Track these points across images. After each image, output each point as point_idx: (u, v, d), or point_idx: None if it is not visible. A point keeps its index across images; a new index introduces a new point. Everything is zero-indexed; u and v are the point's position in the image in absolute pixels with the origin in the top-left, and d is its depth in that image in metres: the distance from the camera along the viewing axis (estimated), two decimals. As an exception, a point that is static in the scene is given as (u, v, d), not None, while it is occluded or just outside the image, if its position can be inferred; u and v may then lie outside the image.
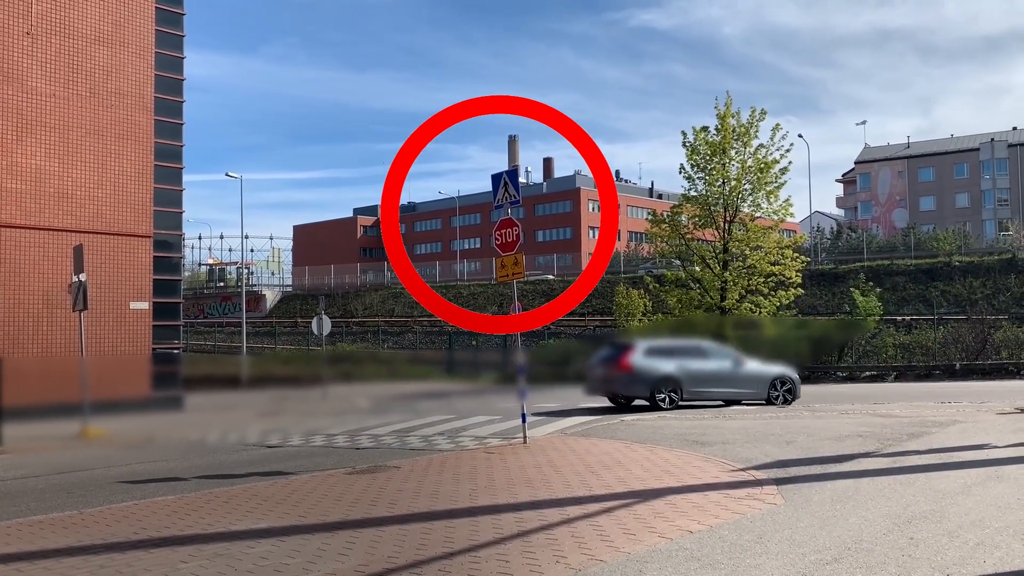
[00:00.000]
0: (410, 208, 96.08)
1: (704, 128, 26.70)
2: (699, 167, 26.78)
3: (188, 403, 17.35)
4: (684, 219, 27.30)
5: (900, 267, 44.09)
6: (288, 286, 75.75)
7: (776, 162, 25.92)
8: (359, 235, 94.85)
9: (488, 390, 18.46)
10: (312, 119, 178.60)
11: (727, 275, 26.04)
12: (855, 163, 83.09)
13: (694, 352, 17.22)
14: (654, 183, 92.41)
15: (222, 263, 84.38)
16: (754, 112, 26.33)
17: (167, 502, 8.19)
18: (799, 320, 28.36)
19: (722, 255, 26.52)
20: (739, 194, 26.17)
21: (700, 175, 26.79)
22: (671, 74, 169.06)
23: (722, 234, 26.63)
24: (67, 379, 16.94)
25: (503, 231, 12.08)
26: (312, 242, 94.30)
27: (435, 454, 11.24)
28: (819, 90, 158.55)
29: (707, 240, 28.10)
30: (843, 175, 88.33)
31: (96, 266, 19.71)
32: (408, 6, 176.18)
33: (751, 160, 26.07)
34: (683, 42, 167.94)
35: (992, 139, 71.80)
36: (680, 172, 27.35)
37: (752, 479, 8.09)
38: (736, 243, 26.33)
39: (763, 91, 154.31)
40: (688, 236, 27.22)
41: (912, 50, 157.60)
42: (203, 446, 14.01)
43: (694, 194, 27.04)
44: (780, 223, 26.87)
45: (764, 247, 26.04)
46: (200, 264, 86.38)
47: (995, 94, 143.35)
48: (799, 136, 63.51)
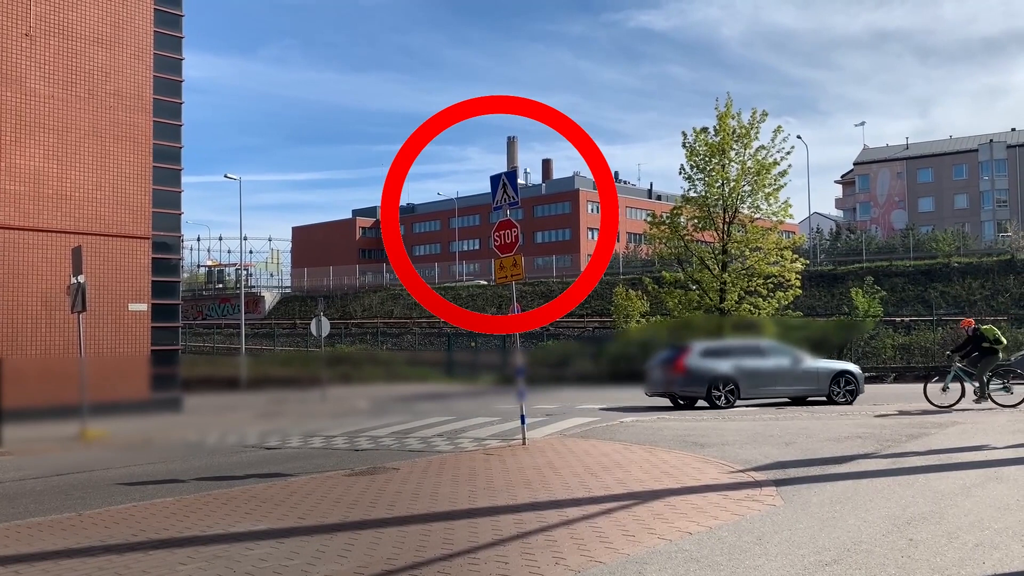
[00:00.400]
0: (409, 209, 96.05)
1: (704, 129, 26.68)
2: (698, 168, 26.77)
3: (187, 405, 17.34)
4: (683, 220, 27.28)
5: (899, 268, 44.12)
6: (287, 287, 75.75)
7: (776, 164, 25.91)
8: (358, 236, 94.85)
9: (487, 391, 18.47)
10: (310, 121, 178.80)
11: (726, 276, 26.03)
12: (854, 164, 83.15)
13: (751, 351, 17.53)
14: (653, 184, 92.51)
15: (221, 265, 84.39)
16: (755, 113, 26.32)
17: (166, 504, 8.18)
18: (798, 321, 28.35)
19: (721, 256, 26.50)
20: (738, 195, 26.16)
21: (699, 176, 26.78)
22: (669, 75, 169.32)
23: (721, 235, 26.61)
24: (66, 381, 16.92)
25: (502, 232, 12.08)
26: (311, 243, 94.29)
27: (434, 455, 11.23)
28: (817, 91, 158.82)
29: (706, 241, 28.09)
30: (842, 176, 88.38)
31: (95, 268, 19.70)
32: (406, 8, 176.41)
33: (751, 161, 26.06)
34: (681, 43, 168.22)
35: (991, 140, 71.84)
36: (680, 173, 27.35)
37: (751, 480, 8.09)
38: (735, 244, 26.32)
39: (761, 92, 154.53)
40: (687, 237, 27.20)
41: (910, 51, 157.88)
42: (202, 448, 14.00)
43: (693, 195, 27.03)
44: (779, 224, 26.86)
45: (763, 248, 26.03)
46: (199, 266, 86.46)
47: (993, 95, 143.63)
48: (798, 137, 63.48)
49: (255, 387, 16.80)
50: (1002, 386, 15.31)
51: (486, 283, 57.47)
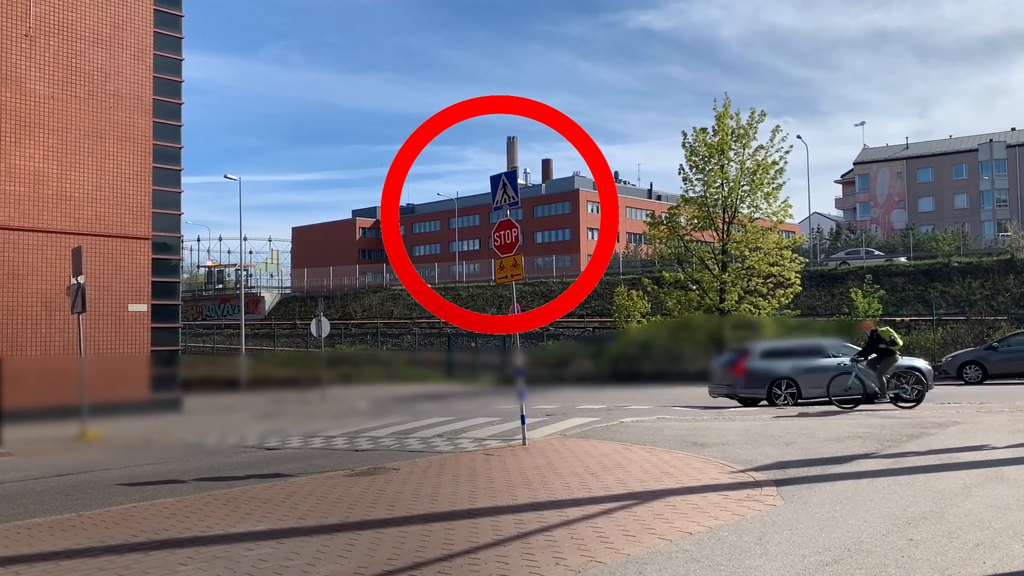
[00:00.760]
0: (409, 210, 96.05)
1: (703, 129, 26.69)
2: (698, 168, 26.78)
3: (187, 405, 17.34)
4: (683, 220, 27.28)
5: (899, 268, 44.12)
6: (287, 288, 75.74)
7: (775, 163, 25.92)
8: (358, 237, 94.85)
9: (487, 392, 18.47)
10: (310, 121, 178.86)
11: (726, 276, 26.03)
12: (854, 164, 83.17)
13: (813, 351, 17.68)
14: (653, 184, 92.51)
15: (221, 265, 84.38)
16: (753, 113, 26.34)
17: (166, 504, 8.18)
18: (798, 321, 28.34)
19: (721, 256, 26.50)
20: (738, 195, 26.17)
21: (699, 176, 26.79)
22: (669, 76, 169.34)
23: (721, 235, 26.61)
24: (66, 381, 16.92)
25: (502, 232, 12.08)
26: (311, 244, 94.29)
27: (434, 456, 11.23)
28: (817, 91, 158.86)
29: (706, 241, 28.08)
30: (842, 176, 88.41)
31: (95, 268, 19.70)
32: (405, 9, 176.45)
33: (750, 161, 26.07)
34: (681, 44, 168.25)
35: (991, 140, 71.81)
36: (679, 173, 27.37)
37: (751, 480, 8.09)
38: (735, 244, 26.32)
39: (761, 92, 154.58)
40: (687, 237, 27.20)
41: (910, 51, 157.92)
42: (202, 448, 14.00)
43: (692, 195, 27.04)
44: (779, 224, 26.86)
45: (763, 248, 26.03)
46: (199, 266, 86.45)
47: (993, 95, 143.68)
48: (798, 137, 63.53)
49: (255, 388, 16.80)
50: (900, 387, 15.96)
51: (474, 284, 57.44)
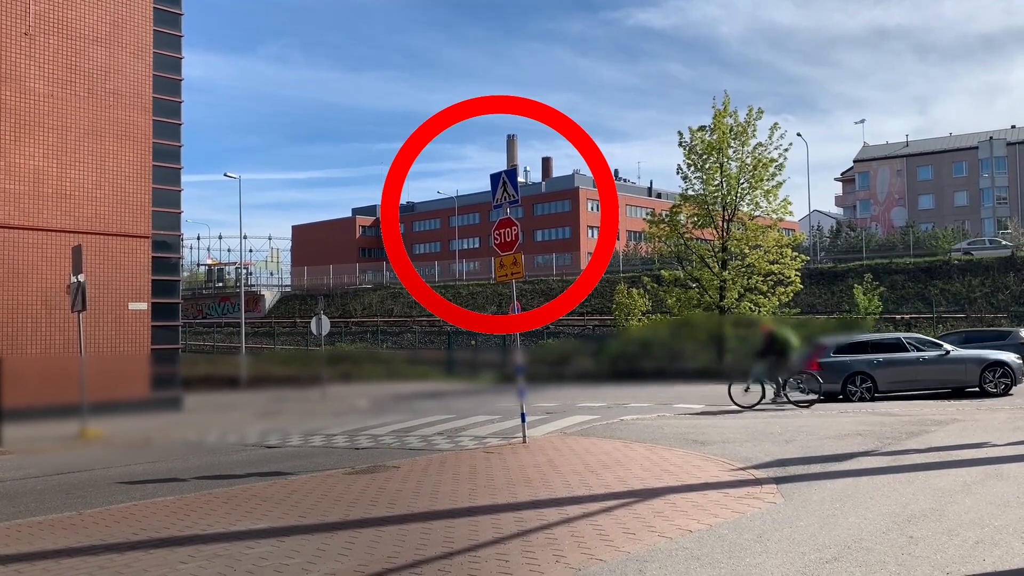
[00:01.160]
0: (409, 208, 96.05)
1: (701, 127, 26.68)
2: (696, 166, 26.77)
3: (187, 404, 17.32)
4: (682, 218, 27.27)
5: (899, 266, 44.11)
6: (287, 286, 75.70)
7: (774, 160, 25.91)
8: (358, 235, 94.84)
9: (487, 390, 18.45)
10: (310, 119, 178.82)
11: (726, 274, 26.03)
12: (854, 162, 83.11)
13: (890, 345, 17.75)
14: (652, 182, 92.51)
15: (221, 263, 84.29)
16: (751, 111, 26.33)
17: (166, 503, 8.18)
18: (798, 319, 28.32)
19: (721, 254, 26.50)
20: (737, 193, 26.16)
21: (697, 174, 26.78)
22: (668, 73, 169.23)
23: (721, 233, 26.61)
24: (66, 380, 16.91)
25: (502, 231, 12.08)
26: (311, 242, 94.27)
27: (434, 454, 11.24)
28: (817, 89, 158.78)
29: (706, 239, 28.08)
30: (842, 174, 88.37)
31: (95, 267, 19.70)
32: (404, 7, 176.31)
33: (749, 159, 26.06)
34: (680, 41, 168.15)
35: (991, 137, 71.82)
36: (677, 172, 27.36)
37: (752, 478, 8.09)
38: (735, 242, 26.31)
39: (761, 90, 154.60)
40: (687, 235, 27.20)
41: (909, 49, 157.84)
42: (202, 447, 14.01)
43: (692, 193, 27.03)
44: (779, 222, 26.86)
45: (763, 246, 26.03)
46: (199, 264, 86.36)
47: (992, 93, 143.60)
48: (798, 135, 63.38)
49: (255, 386, 16.77)
50: (797, 386, 16.45)
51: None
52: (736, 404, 15.74)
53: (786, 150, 26.08)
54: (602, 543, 5.73)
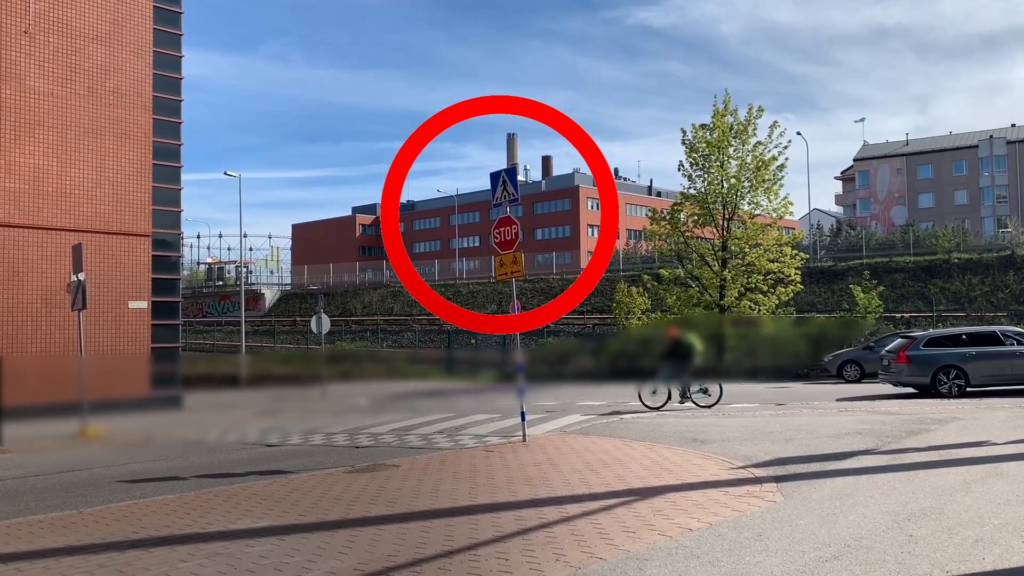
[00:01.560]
0: (409, 207, 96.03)
1: (703, 126, 26.68)
2: (698, 165, 26.77)
3: (187, 402, 17.32)
4: (683, 217, 27.28)
5: (899, 264, 44.09)
6: (287, 285, 75.63)
7: (774, 159, 25.91)
8: (358, 233, 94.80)
9: (487, 388, 18.45)
10: (310, 118, 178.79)
11: (726, 273, 26.03)
12: (854, 160, 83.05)
13: (985, 339, 17.56)
14: (653, 181, 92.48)
15: (221, 262, 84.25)
16: (751, 109, 26.32)
17: (166, 501, 8.19)
18: (798, 318, 28.33)
19: (721, 253, 26.50)
20: (738, 192, 26.16)
21: (699, 173, 26.79)
22: (668, 72, 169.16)
23: (721, 232, 26.61)
24: (66, 378, 16.91)
25: (502, 229, 12.08)
26: (311, 241, 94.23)
27: (434, 452, 11.24)
28: (816, 88, 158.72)
29: (706, 238, 28.08)
30: (842, 172, 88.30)
31: (95, 265, 19.69)
32: (404, 6, 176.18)
33: (749, 157, 26.06)
34: (680, 40, 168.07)
35: (991, 136, 71.77)
36: (679, 170, 27.37)
37: (752, 477, 8.09)
38: (735, 241, 26.31)
39: (761, 89, 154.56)
40: (687, 234, 27.20)
41: (909, 48, 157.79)
42: (202, 445, 14.00)
43: (693, 192, 27.02)
44: (779, 220, 26.86)
45: (763, 245, 26.02)
46: (199, 263, 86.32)
47: (992, 91, 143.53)
48: (798, 133, 63.36)
49: (255, 384, 16.76)
50: (700, 389, 16.68)
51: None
52: (645, 406, 16.22)
53: (785, 148, 26.08)
54: (602, 542, 5.73)
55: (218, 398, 16.86)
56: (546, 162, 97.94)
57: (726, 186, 26.21)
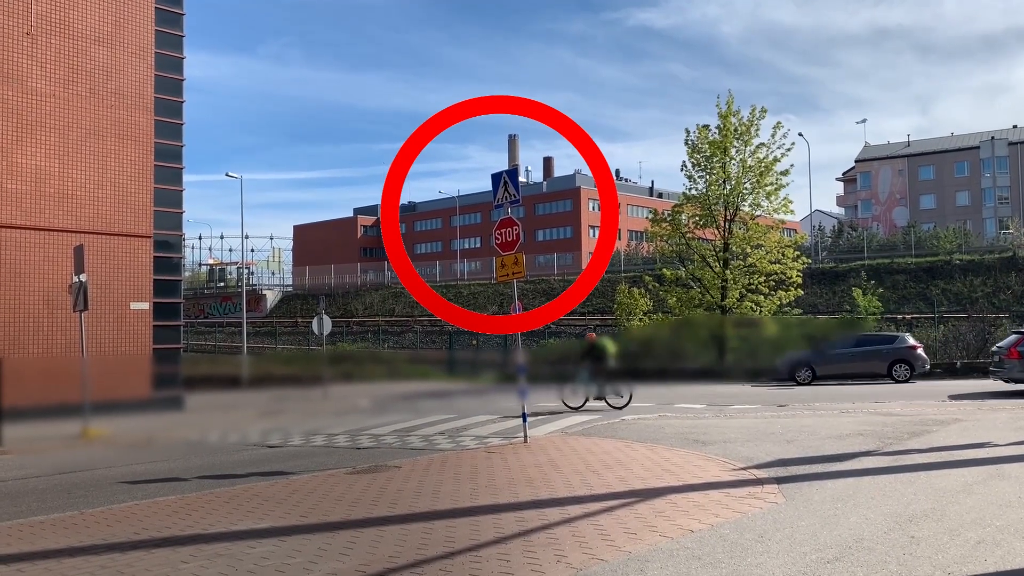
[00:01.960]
0: (410, 208, 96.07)
1: (706, 126, 26.72)
2: (700, 166, 26.79)
3: (189, 403, 17.34)
4: (685, 218, 27.29)
5: (901, 265, 44.07)
6: (288, 286, 75.74)
7: (777, 161, 25.92)
8: (359, 235, 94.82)
9: (489, 389, 18.47)
10: (311, 119, 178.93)
11: (728, 274, 26.04)
12: (855, 162, 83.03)
13: None
14: (654, 182, 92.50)
15: (222, 263, 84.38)
16: (754, 110, 26.34)
17: (168, 502, 8.19)
18: (800, 319, 28.31)
19: (723, 254, 26.51)
20: (739, 193, 26.17)
21: (701, 174, 26.80)
22: (669, 73, 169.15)
23: (723, 233, 26.63)
24: (68, 379, 16.93)
25: (503, 230, 12.09)
26: (312, 242, 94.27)
27: (436, 454, 11.24)
28: (818, 89, 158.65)
29: (707, 239, 28.09)
30: (843, 174, 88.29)
31: (96, 266, 19.71)
32: (404, 6, 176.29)
33: (751, 159, 26.07)
34: (681, 41, 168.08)
35: (992, 137, 71.71)
36: (681, 170, 27.40)
37: (753, 478, 8.09)
38: (737, 242, 26.32)
39: (761, 90, 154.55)
40: (689, 235, 27.21)
41: (910, 48, 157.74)
42: (204, 446, 14.01)
43: (695, 193, 27.04)
44: (781, 222, 26.88)
45: (765, 246, 26.03)
46: (200, 264, 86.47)
47: (994, 92, 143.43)
48: (799, 135, 63.46)
49: (257, 385, 16.79)
50: (613, 392, 17.25)
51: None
52: (567, 406, 16.83)
53: (788, 150, 26.10)
54: (603, 543, 5.73)
55: (220, 399, 16.89)
56: (547, 163, 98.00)
57: (728, 187, 26.22)
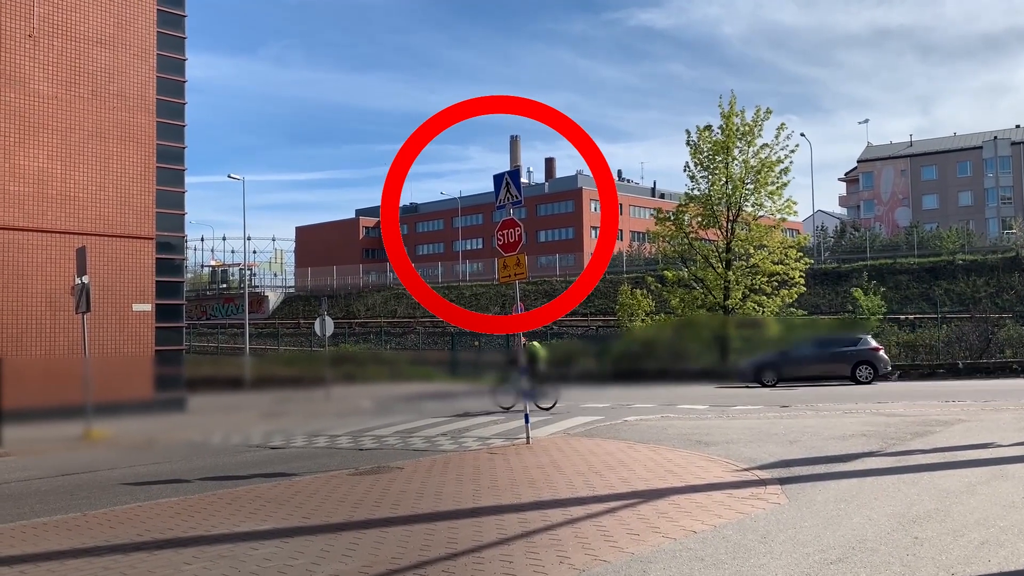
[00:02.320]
0: (412, 209, 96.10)
1: (708, 127, 26.71)
2: (703, 166, 26.78)
3: (191, 405, 17.34)
4: (687, 218, 27.28)
5: (903, 266, 44.02)
6: (291, 287, 75.73)
7: (780, 161, 25.90)
8: (361, 236, 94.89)
9: (491, 390, 18.48)
10: (312, 120, 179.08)
11: (730, 274, 26.02)
12: (858, 162, 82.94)
13: None
14: (656, 183, 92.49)
15: (224, 265, 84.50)
16: (759, 111, 26.31)
17: (170, 504, 8.19)
18: (801, 319, 28.27)
19: (725, 254, 26.49)
20: (742, 193, 26.15)
21: (703, 174, 26.79)
22: (670, 74, 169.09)
23: (725, 233, 26.61)
24: (70, 381, 16.93)
25: (505, 231, 12.08)
26: (314, 243, 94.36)
27: (438, 455, 11.24)
28: (819, 89, 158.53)
29: (710, 240, 28.08)
30: (846, 174, 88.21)
31: (98, 268, 19.71)
32: (405, 7, 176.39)
33: (754, 159, 26.06)
34: (682, 41, 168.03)
35: (995, 137, 71.64)
36: (684, 171, 27.39)
37: (756, 479, 8.08)
38: (739, 242, 26.31)
39: (763, 90, 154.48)
40: (691, 235, 27.20)
41: (912, 49, 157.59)
42: (206, 448, 14.02)
43: (697, 193, 27.03)
44: (783, 222, 26.85)
45: (768, 246, 26.02)
46: (203, 266, 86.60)
47: (996, 92, 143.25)
48: (801, 135, 63.40)
49: (259, 387, 16.78)
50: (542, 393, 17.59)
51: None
52: (499, 407, 17.19)
53: (792, 151, 26.07)
54: (606, 544, 5.72)
55: (222, 400, 16.88)
56: (549, 164, 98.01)
57: (730, 187, 26.21)
